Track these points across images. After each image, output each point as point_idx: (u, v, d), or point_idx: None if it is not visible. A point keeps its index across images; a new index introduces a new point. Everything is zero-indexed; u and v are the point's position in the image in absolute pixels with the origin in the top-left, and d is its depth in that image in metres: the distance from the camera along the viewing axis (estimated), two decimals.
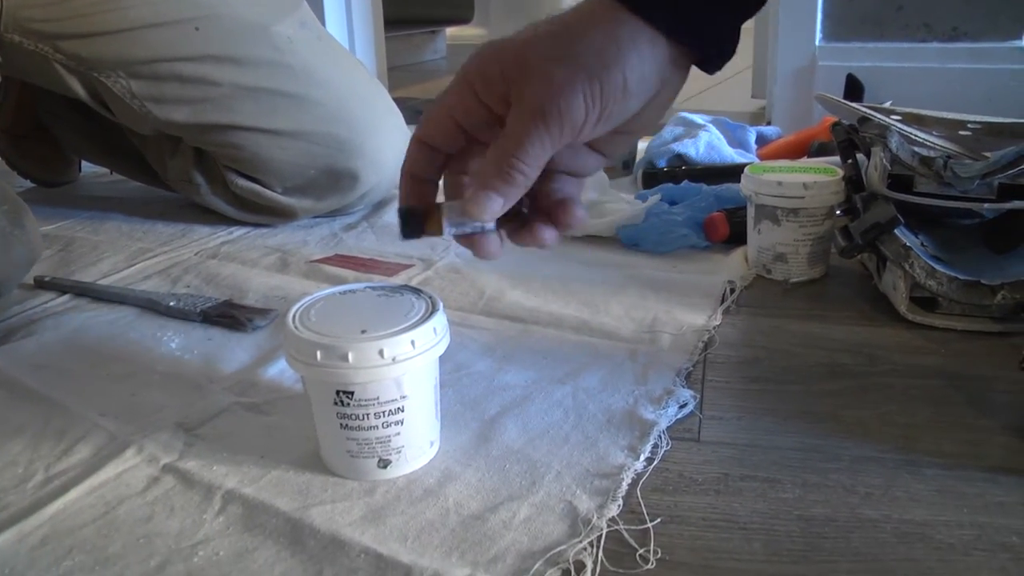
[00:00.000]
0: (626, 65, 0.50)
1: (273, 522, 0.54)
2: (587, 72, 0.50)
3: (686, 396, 0.66)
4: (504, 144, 0.51)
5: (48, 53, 0.99)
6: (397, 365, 0.53)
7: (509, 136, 0.51)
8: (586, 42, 0.50)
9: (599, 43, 0.50)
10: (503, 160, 0.51)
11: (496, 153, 0.52)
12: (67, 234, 1.14)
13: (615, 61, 0.50)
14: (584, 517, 0.53)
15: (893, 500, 0.55)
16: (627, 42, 0.50)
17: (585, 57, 0.50)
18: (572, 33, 0.51)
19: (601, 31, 0.50)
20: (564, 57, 0.50)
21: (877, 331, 0.79)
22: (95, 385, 0.72)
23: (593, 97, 0.50)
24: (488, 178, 0.52)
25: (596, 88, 0.50)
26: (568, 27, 0.51)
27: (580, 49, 0.50)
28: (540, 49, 0.51)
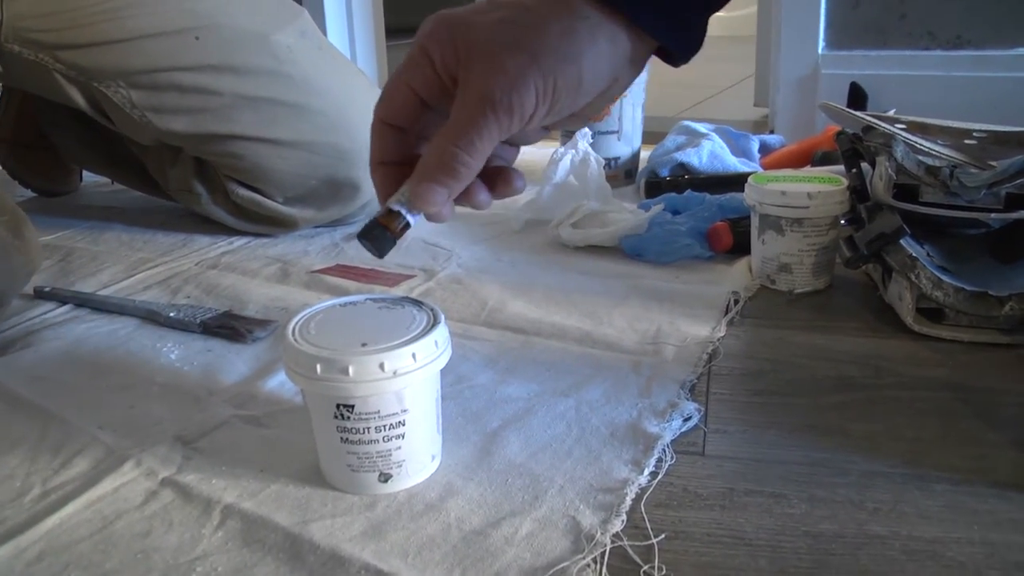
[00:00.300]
0: (583, 62, 0.50)
1: (272, 537, 0.53)
2: (541, 66, 0.49)
3: (690, 409, 0.66)
4: (449, 133, 0.50)
5: (48, 63, 0.99)
6: (398, 379, 0.53)
7: (454, 125, 0.50)
8: (543, 33, 0.49)
9: (557, 36, 0.49)
10: (447, 150, 0.50)
11: (440, 143, 0.50)
12: (67, 244, 1.13)
13: (571, 57, 0.49)
14: (587, 533, 0.52)
15: (902, 516, 0.54)
16: (586, 38, 0.49)
17: (541, 49, 0.49)
18: (530, 20, 0.49)
19: (560, 23, 0.49)
20: (519, 46, 0.49)
21: (883, 343, 0.78)
22: (94, 397, 0.71)
23: (545, 92, 0.49)
24: (431, 169, 0.51)
25: (550, 83, 0.49)
26: (526, 11, 0.50)
27: (536, 40, 0.49)
28: (495, 33, 0.49)
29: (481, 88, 0.49)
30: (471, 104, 0.49)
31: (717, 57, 3.29)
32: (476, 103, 0.49)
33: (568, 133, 1.29)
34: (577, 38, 0.49)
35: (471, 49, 0.49)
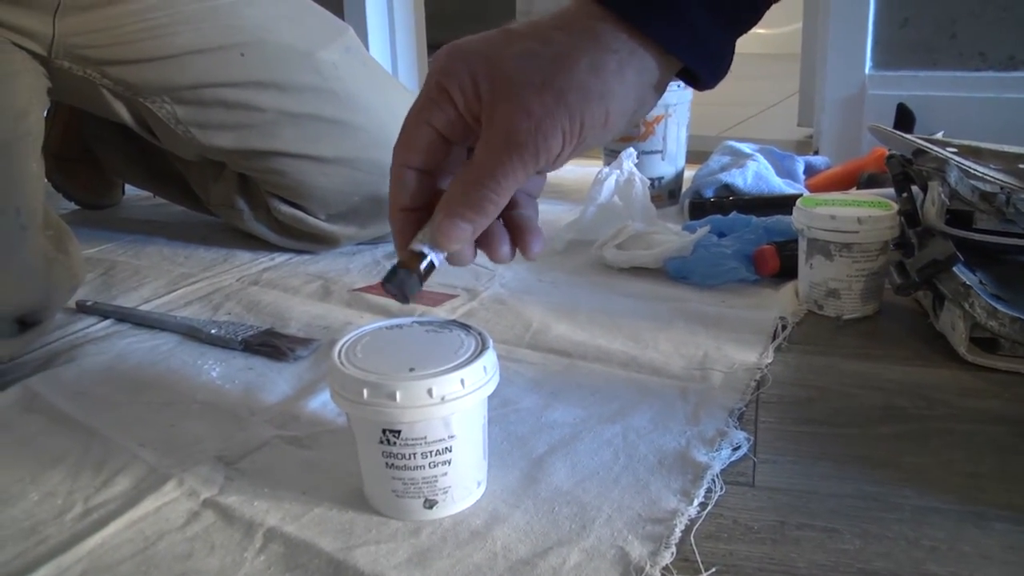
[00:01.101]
0: (610, 100, 0.49)
1: (315, 563, 0.52)
2: (568, 105, 0.48)
3: (740, 438, 0.64)
4: (474, 171, 0.49)
5: (95, 79, 0.99)
6: (446, 404, 0.52)
7: (480, 164, 0.49)
8: (570, 69, 0.48)
9: (584, 71, 0.48)
10: (472, 188, 0.49)
11: (465, 180, 0.50)
12: (109, 258, 1.14)
13: (599, 96, 0.48)
14: (636, 564, 0.51)
15: (961, 556, 0.52)
16: (614, 72, 0.48)
17: (568, 87, 0.48)
18: (555, 53, 0.48)
19: (588, 56, 0.48)
20: (544, 84, 0.48)
21: (934, 372, 0.76)
22: (135, 414, 0.71)
23: (572, 132, 0.48)
24: (455, 204, 0.50)
25: (576, 123, 0.48)
26: (550, 44, 0.48)
27: (563, 77, 0.48)
28: (519, 70, 0.48)
29: (507, 129, 0.48)
30: (496, 145, 0.48)
31: (760, 75, 3.28)
32: (502, 144, 0.48)
33: (612, 153, 1.28)
34: (605, 74, 0.48)
35: (495, 88, 0.48)
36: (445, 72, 0.50)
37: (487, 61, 0.49)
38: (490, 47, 0.49)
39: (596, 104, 0.48)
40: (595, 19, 0.49)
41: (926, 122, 1.51)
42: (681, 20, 0.49)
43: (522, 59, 0.48)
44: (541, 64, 0.48)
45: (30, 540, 0.55)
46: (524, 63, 0.48)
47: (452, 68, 0.49)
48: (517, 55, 0.48)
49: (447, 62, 0.50)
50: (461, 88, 0.49)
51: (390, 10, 2.00)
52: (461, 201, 0.50)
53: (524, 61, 0.48)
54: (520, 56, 0.48)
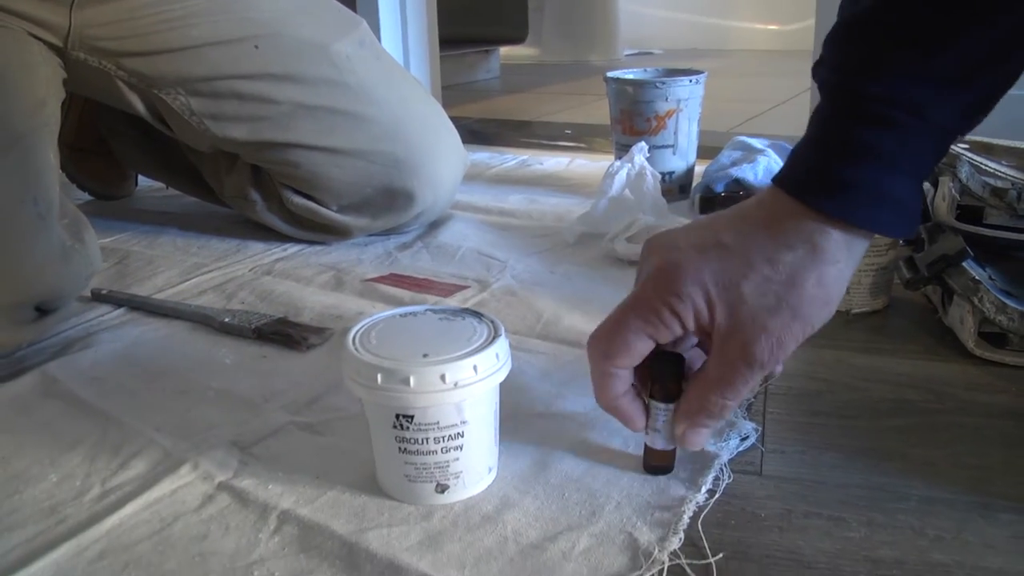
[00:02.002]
0: (835, 302, 0.53)
1: (329, 544, 0.53)
2: (802, 320, 0.52)
3: (748, 428, 0.65)
4: (713, 384, 0.54)
5: (111, 70, 1.00)
6: (458, 390, 0.53)
7: (718, 377, 0.54)
8: (800, 288, 0.52)
9: (813, 288, 0.52)
10: (712, 401, 0.55)
11: (703, 392, 0.55)
12: (123, 247, 1.15)
13: (825, 302, 0.53)
14: (645, 550, 0.52)
15: (965, 545, 0.53)
16: (836, 280, 0.53)
17: (800, 305, 0.52)
18: (786, 279, 0.52)
19: (815, 274, 0.52)
20: (779, 308, 0.52)
21: (943, 366, 0.77)
22: (150, 400, 0.72)
23: (804, 336, 0.53)
24: (699, 416, 0.56)
25: (809, 329, 0.53)
26: (778, 269, 0.52)
27: (795, 298, 0.52)
28: (754, 298, 0.52)
29: (745, 347, 0.52)
30: (734, 360, 0.53)
31: (772, 72, 3.28)
32: (740, 360, 0.53)
33: (624, 147, 1.28)
34: (830, 282, 0.53)
35: (733, 316, 0.52)
36: (678, 295, 0.53)
37: (721, 290, 0.53)
38: (721, 275, 0.53)
39: (823, 309, 0.53)
40: (810, 226, 0.52)
41: None
42: (883, 200, 0.52)
43: (758, 288, 0.52)
44: (775, 289, 0.52)
45: (50, 520, 0.56)
46: (760, 291, 0.52)
47: (686, 293, 0.53)
48: (752, 286, 0.52)
49: (679, 285, 0.53)
50: (696, 314, 0.53)
51: (402, 4, 2.01)
52: (702, 412, 0.56)
53: (760, 289, 0.52)
54: (756, 285, 0.52)
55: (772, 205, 0.54)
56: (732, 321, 0.52)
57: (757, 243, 0.53)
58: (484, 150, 1.75)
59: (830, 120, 0.53)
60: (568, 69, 3.56)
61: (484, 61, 3.39)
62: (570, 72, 3.43)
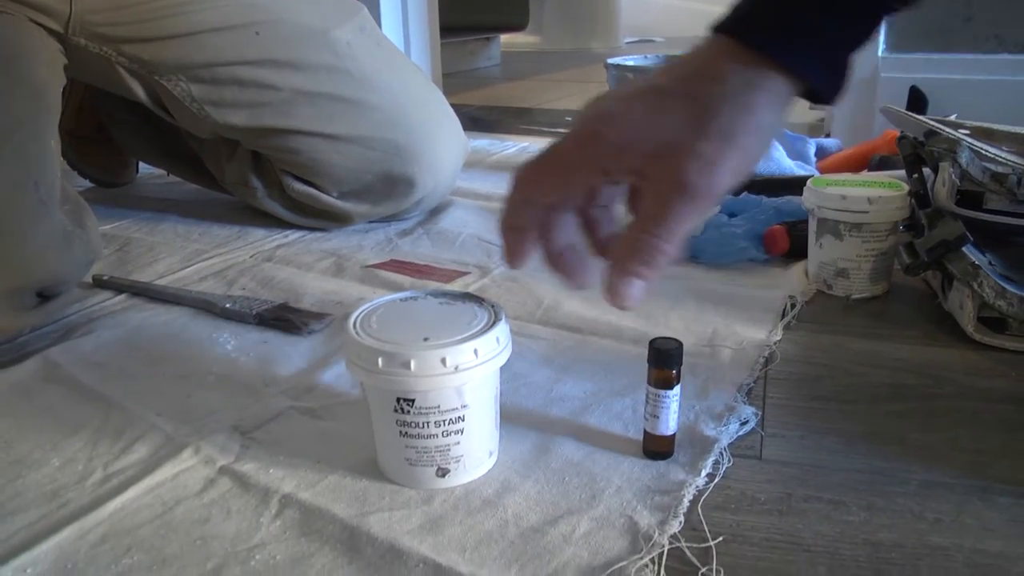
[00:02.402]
0: (767, 131, 0.51)
1: (330, 528, 0.53)
2: (737, 146, 0.49)
3: (748, 413, 0.65)
4: (645, 224, 0.50)
5: (111, 56, 1.00)
6: (459, 374, 0.53)
7: (650, 216, 0.50)
8: (730, 113, 0.49)
9: (743, 114, 0.50)
10: (645, 240, 0.49)
11: (636, 234, 0.50)
12: (124, 234, 1.15)
13: (757, 129, 0.50)
14: (645, 533, 0.52)
15: (964, 528, 0.53)
16: (764, 108, 0.50)
17: (733, 130, 0.49)
18: (714, 105, 0.49)
19: (743, 99, 0.50)
20: (711, 132, 0.49)
21: (942, 351, 0.77)
22: (152, 385, 0.72)
23: (740, 168, 0.50)
24: (629, 262, 0.50)
25: (746, 159, 0.50)
26: (706, 98, 0.50)
27: (726, 121, 0.49)
28: (680, 123, 0.49)
29: (677, 177, 0.49)
30: (667, 192, 0.49)
31: None
32: (673, 191, 0.49)
33: None
34: (759, 109, 0.50)
35: (661, 144, 0.49)
36: (608, 135, 0.50)
37: (648, 121, 0.50)
38: (648, 108, 0.50)
39: (757, 136, 0.50)
40: (738, 65, 0.50)
41: (939, 105, 1.51)
42: (815, 49, 0.51)
43: (688, 114, 0.49)
44: (703, 115, 0.49)
45: (53, 503, 0.56)
46: (690, 117, 0.49)
47: (615, 131, 0.50)
48: (679, 113, 0.50)
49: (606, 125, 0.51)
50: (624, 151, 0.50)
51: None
52: (634, 257, 0.50)
53: (690, 115, 0.49)
54: (686, 111, 0.50)
55: (706, 52, 0.52)
56: (660, 149, 0.49)
57: (688, 79, 0.51)
58: (485, 137, 1.75)
59: None
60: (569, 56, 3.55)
61: (485, 48, 3.39)
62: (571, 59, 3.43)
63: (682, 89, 0.50)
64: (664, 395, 0.58)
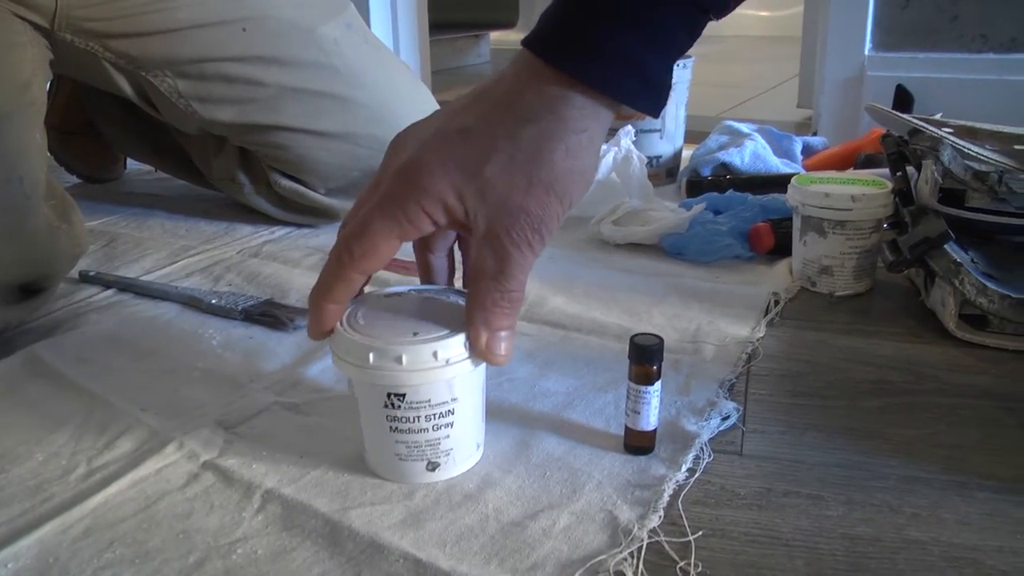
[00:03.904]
0: (589, 172, 0.52)
1: (312, 523, 0.53)
2: (558, 195, 0.51)
3: (729, 408, 0.66)
4: (494, 282, 0.52)
5: (98, 51, 1.00)
6: (450, 367, 0.53)
7: (494, 272, 0.52)
8: (550, 163, 0.50)
9: (563, 161, 0.50)
10: (497, 298, 0.52)
11: (486, 294, 0.52)
12: (111, 230, 1.15)
13: (580, 174, 0.51)
14: (625, 527, 0.52)
15: (941, 522, 0.53)
16: (586, 150, 0.51)
17: (553, 180, 0.50)
18: (531, 155, 0.50)
19: (562, 145, 0.50)
20: (532, 185, 0.50)
21: (924, 348, 0.78)
22: (137, 380, 0.72)
23: (563, 209, 0.52)
24: (491, 323, 0.53)
25: (567, 203, 0.52)
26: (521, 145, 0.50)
27: (546, 173, 0.50)
28: (503, 180, 0.50)
29: (509, 233, 0.51)
30: (503, 249, 0.51)
31: (761, 58, 3.28)
32: (510, 246, 0.51)
33: (611, 131, 1.28)
34: (581, 153, 0.51)
35: (492, 205, 0.50)
36: (424, 191, 0.51)
37: (468, 177, 0.51)
38: (465, 161, 0.51)
39: (578, 181, 0.52)
40: (551, 92, 0.50)
41: (925, 103, 1.52)
42: (630, 67, 0.51)
43: (505, 169, 0.50)
44: (523, 167, 0.50)
45: (36, 498, 0.56)
46: (508, 172, 0.50)
47: (432, 186, 0.51)
48: (499, 167, 0.50)
49: (424, 179, 0.51)
50: (447, 209, 0.52)
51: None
52: (493, 316, 0.53)
53: (507, 170, 0.50)
54: (503, 167, 0.50)
55: (513, 78, 0.52)
56: (487, 209, 0.50)
57: (498, 122, 0.51)
58: None
59: None
60: None
61: (474, 46, 3.38)
62: None
63: (494, 135, 0.51)
64: (645, 391, 0.58)
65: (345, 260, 0.54)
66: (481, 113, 0.52)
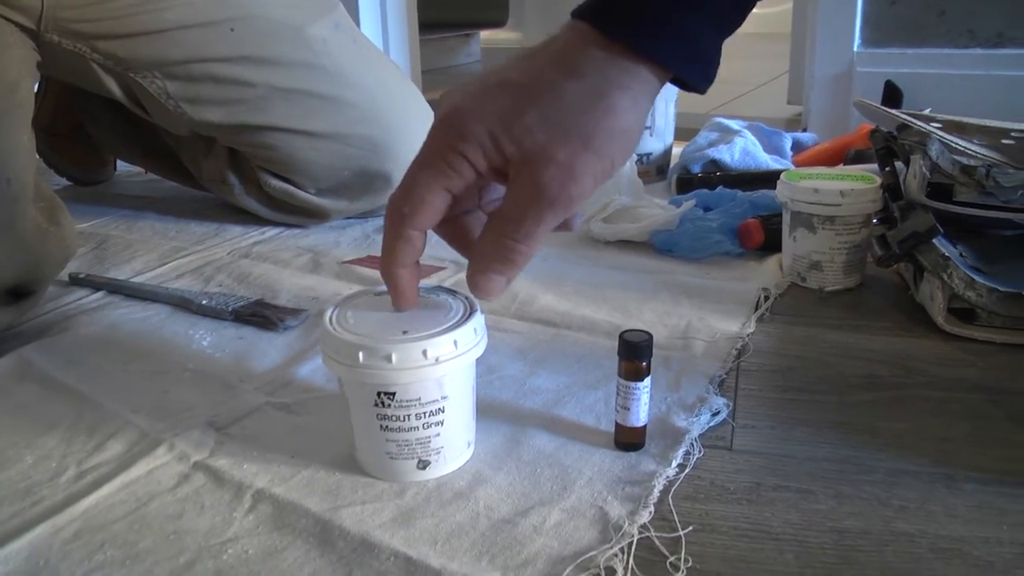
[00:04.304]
0: (631, 132, 0.50)
1: (303, 522, 0.53)
2: (596, 152, 0.49)
3: (719, 404, 0.66)
4: (504, 227, 0.50)
5: (86, 53, 1.00)
6: (440, 366, 0.53)
7: (511, 218, 0.50)
8: (590, 117, 0.49)
9: (603, 117, 0.49)
10: (504, 243, 0.50)
11: (495, 234, 0.51)
12: (101, 232, 1.15)
13: (621, 133, 0.49)
14: (615, 523, 0.52)
15: (929, 515, 0.54)
16: (629, 110, 0.50)
17: (592, 135, 0.49)
18: (571, 106, 0.49)
19: (604, 102, 0.49)
20: (568, 137, 0.48)
21: (913, 342, 0.78)
22: (127, 382, 0.72)
23: (603, 171, 0.50)
24: (490, 261, 0.51)
25: (608, 163, 0.49)
26: (563, 97, 0.49)
27: (584, 126, 0.49)
28: (540, 127, 0.49)
29: (536, 183, 0.49)
30: (526, 198, 0.49)
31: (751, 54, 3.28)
32: (532, 197, 0.49)
33: None
34: (622, 112, 0.49)
35: (523, 150, 0.49)
36: (462, 136, 0.50)
37: (505, 124, 0.49)
38: (505, 109, 0.50)
39: (619, 140, 0.49)
40: (599, 55, 0.50)
41: (914, 99, 1.52)
42: (679, 37, 0.50)
43: (544, 117, 0.49)
44: (562, 117, 0.49)
45: (26, 501, 0.56)
46: (546, 120, 0.49)
47: (469, 132, 0.50)
48: (539, 114, 0.49)
49: (462, 126, 0.50)
50: (485, 153, 0.50)
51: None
52: (494, 256, 0.51)
53: (546, 118, 0.49)
54: (542, 114, 0.49)
55: (562, 41, 0.51)
56: (520, 154, 0.49)
57: (541, 76, 0.50)
58: None
59: None
60: None
61: (465, 45, 3.38)
62: None
63: (537, 86, 0.50)
64: (635, 387, 0.58)
65: (397, 220, 0.53)
66: (525, 68, 0.51)
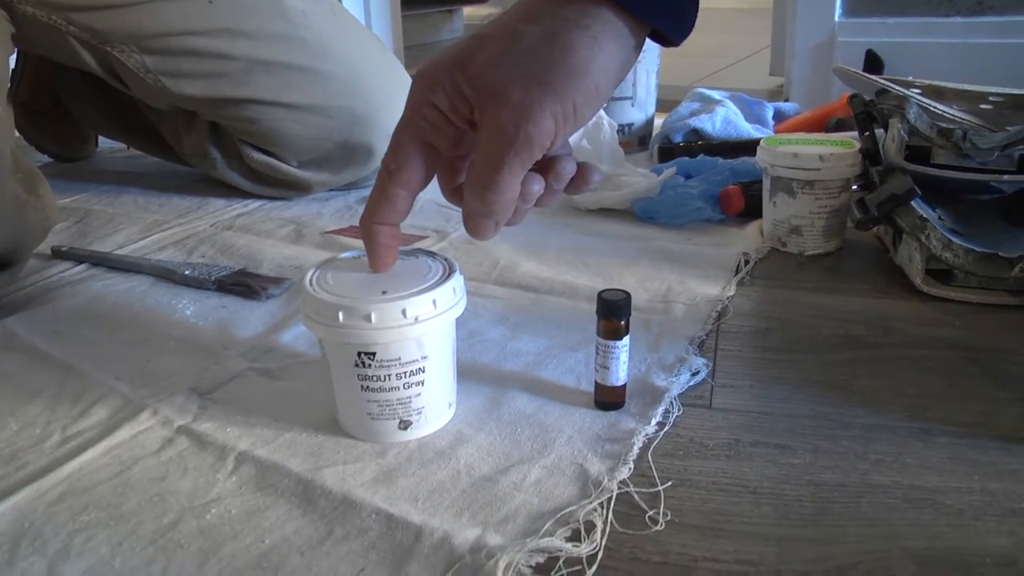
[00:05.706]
0: (595, 73, 0.49)
1: (285, 482, 0.54)
2: (555, 91, 0.48)
3: (699, 364, 0.66)
4: (477, 177, 0.51)
5: (61, 25, 0.99)
6: (419, 325, 0.53)
7: (480, 168, 0.50)
8: (547, 55, 0.49)
9: (561, 55, 0.49)
10: (480, 190, 0.51)
11: (469, 183, 0.51)
12: (84, 207, 1.14)
13: (582, 72, 0.49)
14: (595, 479, 0.53)
15: (904, 467, 0.54)
16: (590, 48, 0.49)
17: (549, 74, 0.48)
18: (529, 46, 0.49)
19: (560, 41, 0.49)
20: (525, 77, 0.48)
21: (892, 303, 0.79)
22: (111, 351, 0.72)
23: (566, 114, 0.49)
24: (474, 209, 0.52)
25: (568, 104, 0.49)
26: (521, 39, 0.49)
27: (541, 65, 0.48)
28: (498, 68, 0.49)
29: (495, 127, 0.49)
30: (489, 145, 0.50)
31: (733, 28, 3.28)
32: (494, 143, 0.49)
33: None
34: (582, 50, 0.49)
35: (479, 90, 0.49)
36: (429, 87, 0.51)
37: (463, 68, 0.50)
38: (467, 54, 0.50)
39: (582, 80, 0.49)
40: (561, 2, 0.50)
41: (895, 68, 1.53)
42: None
43: (499, 57, 0.49)
44: (518, 59, 0.49)
45: (10, 466, 0.57)
46: (501, 60, 0.49)
47: (434, 80, 0.51)
48: (493, 55, 0.49)
49: (430, 77, 0.51)
50: (448, 96, 0.50)
51: None
52: (476, 205, 0.52)
53: (500, 59, 0.49)
54: (496, 55, 0.49)
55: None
56: (478, 96, 0.49)
57: (506, 23, 0.51)
58: None
59: None
60: None
61: (447, 21, 3.37)
62: None
63: (498, 32, 0.50)
64: (613, 346, 0.59)
65: (383, 176, 0.54)
66: (494, 22, 0.52)
